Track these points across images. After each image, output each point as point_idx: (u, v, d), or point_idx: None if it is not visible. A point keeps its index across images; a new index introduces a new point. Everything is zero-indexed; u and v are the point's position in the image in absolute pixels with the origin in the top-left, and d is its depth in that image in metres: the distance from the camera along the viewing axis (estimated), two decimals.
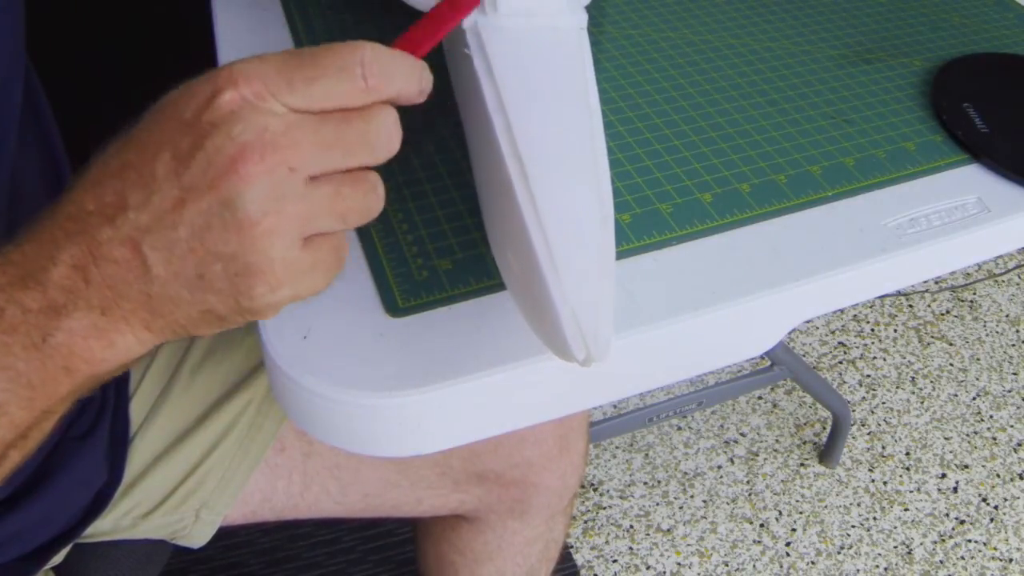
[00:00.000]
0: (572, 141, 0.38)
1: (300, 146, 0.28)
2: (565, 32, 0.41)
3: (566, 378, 0.41)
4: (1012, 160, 0.51)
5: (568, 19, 0.42)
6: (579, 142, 0.38)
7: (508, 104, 0.38)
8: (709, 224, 0.46)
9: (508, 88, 0.39)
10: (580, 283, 0.34)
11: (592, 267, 0.35)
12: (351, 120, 0.30)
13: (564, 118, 0.38)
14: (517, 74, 0.39)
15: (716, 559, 1.14)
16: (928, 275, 0.49)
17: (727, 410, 1.31)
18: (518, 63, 0.40)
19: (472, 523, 0.70)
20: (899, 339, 1.43)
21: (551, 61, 0.40)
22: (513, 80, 0.39)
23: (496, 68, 0.39)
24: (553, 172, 0.36)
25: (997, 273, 1.55)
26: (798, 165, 0.51)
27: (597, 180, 0.37)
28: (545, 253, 0.34)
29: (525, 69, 0.40)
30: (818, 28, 0.63)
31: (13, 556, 0.50)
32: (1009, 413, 1.32)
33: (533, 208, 0.35)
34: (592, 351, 0.34)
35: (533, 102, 0.38)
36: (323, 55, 0.29)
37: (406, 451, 0.42)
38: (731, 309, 0.42)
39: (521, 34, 0.41)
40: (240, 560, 1.09)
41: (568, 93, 0.39)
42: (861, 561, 1.14)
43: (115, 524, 0.57)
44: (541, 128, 0.38)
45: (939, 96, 0.56)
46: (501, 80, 0.39)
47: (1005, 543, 1.17)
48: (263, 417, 0.59)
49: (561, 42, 0.41)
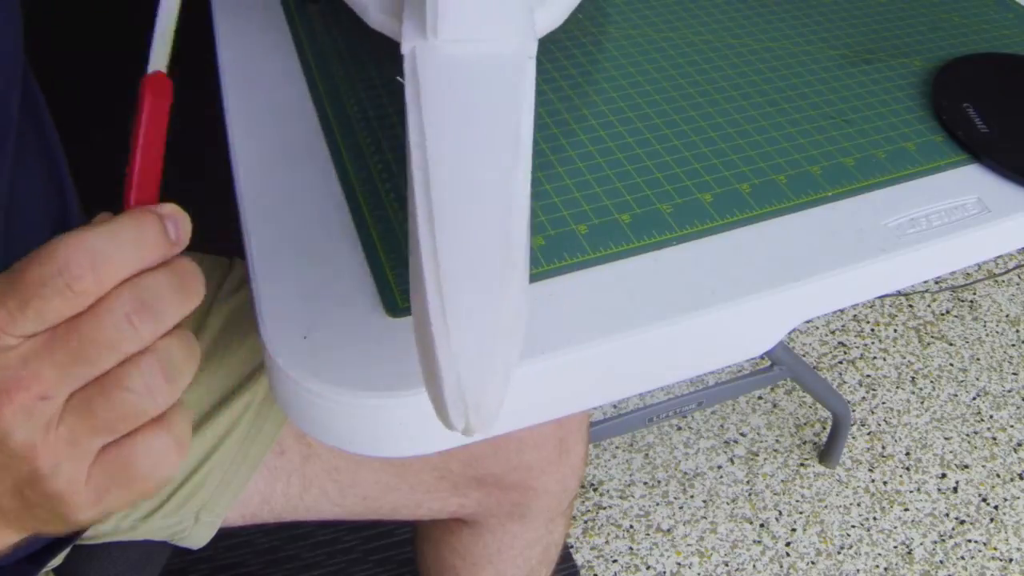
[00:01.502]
0: (489, 186, 0.35)
1: (41, 374, 0.27)
2: (507, 61, 0.39)
3: (566, 378, 0.41)
4: (1012, 160, 0.51)
5: (513, 46, 0.39)
6: (497, 187, 0.35)
7: (429, 140, 0.36)
8: (709, 224, 0.46)
9: (432, 122, 0.36)
10: (471, 344, 0.31)
11: (488, 328, 0.32)
12: (79, 328, 0.27)
13: (486, 160, 0.36)
14: (446, 108, 0.37)
15: (716, 559, 1.14)
16: (928, 275, 0.49)
17: (727, 410, 1.31)
18: (449, 95, 0.37)
19: (471, 526, 0.70)
20: (899, 339, 1.43)
21: (486, 94, 0.38)
22: (440, 114, 0.37)
23: (425, 100, 0.37)
24: (462, 219, 0.34)
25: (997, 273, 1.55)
26: (798, 165, 0.51)
27: (508, 231, 0.34)
28: (438, 306, 0.32)
29: (455, 102, 0.37)
30: (818, 28, 0.63)
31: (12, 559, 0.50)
32: (1009, 413, 1.32)
33: (434, 255, 0.33)
34: (472, 423, 0.31)
35: (456, 140, 0.36)
36: (25, 271, 0.27)
37: (406, 451, 0.42)
38: (731, 309, 0.42)
39: (459, 62, 0.38)
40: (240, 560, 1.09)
41: (497, 132, 0.37)
42: (861, 561, 1.14)
43: (115, 525, 0.57)
44: (458, 169, 0.35)
45: (939, 96, 0.56)
46: (427, 113, 0.36)
47: (1005, 543, 1.17)
48: (263, 420, 0.59)
49: (501, 72, 0.38)
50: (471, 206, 0.34)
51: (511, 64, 0.39)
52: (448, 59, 0.38)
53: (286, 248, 0.43)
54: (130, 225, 0.29)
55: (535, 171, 0.49)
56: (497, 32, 0.39)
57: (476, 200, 0.35)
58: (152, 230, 0.29)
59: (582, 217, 0.46)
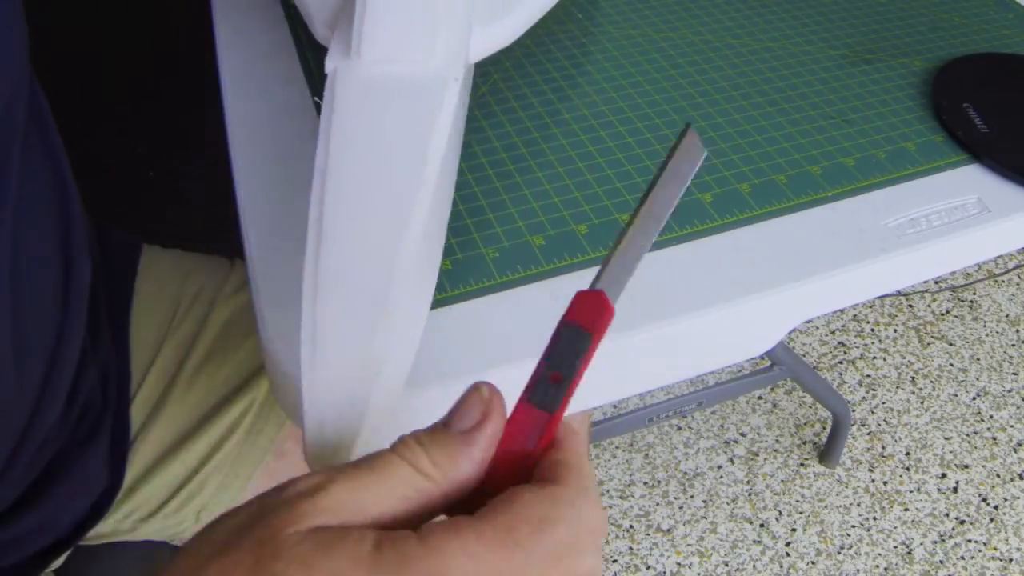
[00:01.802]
0: (379, 228, 0.34)
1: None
2: (428, 84, 0.37)
3: None
4: (1012, 160, 0.51)
5: (436, 69, 0.38)
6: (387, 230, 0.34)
7: (330, 168, 0.35)
8: (709, 224, 0.46)
9: (337, 149, 0.35)
10: (337, 390, 0.31)
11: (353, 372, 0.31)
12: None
13: (381, 198, 0.34)
14: (353, 133, 0.36)
15: (716, 559, 1.14)
16: (928, 275, 0.49)
17: (727, 410, 1.31)
18: (360, 119, 0.36)
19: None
20: (899, 339, 1.43)
21: (396, 120, 0.36)
22: (346, 140, 0.35)
23: (335, 123, 0.36)
24: (345, 260, 0.33)
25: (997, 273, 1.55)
26: (798, 165, 0.51)
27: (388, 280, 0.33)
28: (309, 345, 0.31)
29: (364, 128, 0.36)
30: (818, 28, 0.63)
31: (13, 561, 0.50)
32: (1009, 413, 1.32)
33: (315, 289, 0.32)
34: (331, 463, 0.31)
35: (357, 172, 0.35)
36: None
37: None
38: (731, 309, 0.42)
39: (377, 84, 0.37)
40: None
41: (399, 165, 0.35)
42: (861, 561, 1.14)
43: (115, 527, 0.57)
44: (352, 204, 0.34)
45: (939, 96, 0.56)
46: (335, 138, 0.35)
47: (1005, 543, 1.17)
48: (263, 421, 0.59)
49: (418, 96, 0.37)
50: (357, 247, 0.33)
51: (431, 88, 0.37)
52: (366, 81, 0.37)
53: (286, 249, 0.43)
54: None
55: (536, 171, 0.49)
56: (422, 54, 0.38)
57: (363, 241, 0.33)
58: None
59: (582, 217, 0.46)
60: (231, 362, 0.60)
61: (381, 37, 0.37)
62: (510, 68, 0.57)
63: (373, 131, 0.36)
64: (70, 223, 0.50)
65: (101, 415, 0.54)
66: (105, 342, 0.56)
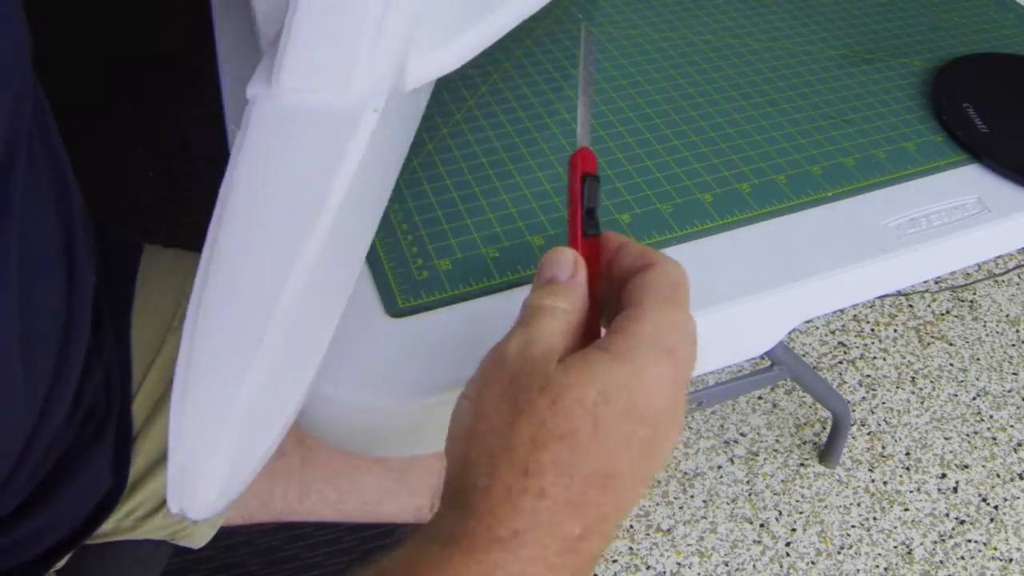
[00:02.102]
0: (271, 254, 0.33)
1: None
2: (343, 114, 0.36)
3: None
4: (1012, 160, 0.51)
5: (354, 99, 0.37)
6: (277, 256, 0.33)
7: (231, 196, 0.34)
8: (709, 224, 0.46)
9: (241, 178, 0.34)
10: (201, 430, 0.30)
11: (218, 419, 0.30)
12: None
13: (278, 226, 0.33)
14: (260, 162, 0.35)
15: (716, 559, 1.14)
16: (928, 275, 0.49)
17: (727, 410, 1.31)
18: (269, 148, 0.35)
19: None
20: (899, 339, 1.43)
21: (305, 151, 0.35)
22: (252, 169, 0.34)
23: (244, 150, 0.35)
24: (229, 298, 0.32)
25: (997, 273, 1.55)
26: (798, 165, 0.51)
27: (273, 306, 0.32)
28: (181, 386, 0.31)
29: (271, 157, 0.35)
30: (818, 28, 0.63)
31: (19, 562, 0.50)
32: (1009, 413, 1.32)
33: (193, 329, 0.32)
34: (186, 509, 0.30)
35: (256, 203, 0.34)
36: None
37: (405, 452, 0.42)
38: (731, 309, 0.42)
39: (291, 112, 0.36)
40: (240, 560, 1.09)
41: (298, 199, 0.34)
42: (861, 561, 1.14)
43: (116, 525, 0.57)
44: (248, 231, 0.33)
45: (939, 96, 0.56)
46: (241, 166, 0.35)
47: (1005, 543, 1.17)
48: None
49: (330, 127, 0.36)
50: (242, 285, 0.32)
51: (346, 118, 0.36)
52: (281, 109, 0.36)
53: None
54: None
55: (536, 171, 0.49)
56: (342, 82, 0.37)
57: (248, 280, 0.32)
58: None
59: None
60: None
61: (300, 66, 0.36)
62: (510, 68, 0.57)
63: (280, 161, 0.35)
64: (72, 225, 0.50)
65: (106, 416, 0.54)
66: (108, 343, 0.56)
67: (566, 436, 0.29)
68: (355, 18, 0.37)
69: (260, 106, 0.37)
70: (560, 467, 0.28)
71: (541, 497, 0.28)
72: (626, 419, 0.29)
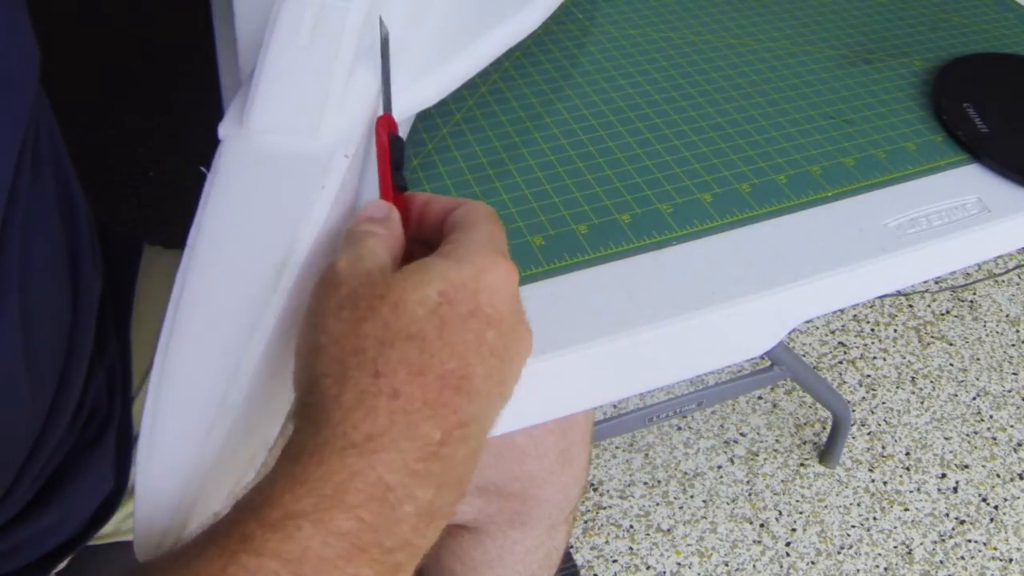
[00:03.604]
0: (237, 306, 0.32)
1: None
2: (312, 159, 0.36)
3: (566, 378, 0.41)
4: (1012, 160, 0.51)
5: (326, 143, 0.36)
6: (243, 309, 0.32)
7: (199, 243, 0.33)
8: (709, 224, 0.46)
9: (209, 225, 0.34)
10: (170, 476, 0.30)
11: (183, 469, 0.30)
12: None
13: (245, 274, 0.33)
14: (228, 208, 0.34)
15: (716, 559, 1.14)
16: (928, 275, 0.49)
17: (727, 410, 1.31)
18: (237, 193, 0.34)
19: (472, 532, 0.70)
20: (899, 339, 1.43)
21: (274, 195, 0.35)
22: (221, 215, 0.34)
23: (213, 194, 0.34)
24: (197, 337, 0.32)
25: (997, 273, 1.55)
26: (798, 165, 0.51)
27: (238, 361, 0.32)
28: (149, 427, 0.31)
29: (239, 203, 0.34)
30: (818, 28, 0.63)
31: (21, 564, 0.50)
32: (1009, 413, 1.32)
33: (160, 376, 0.31)
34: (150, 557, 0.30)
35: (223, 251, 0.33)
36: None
37: None
38: (731, 309, 0.42)
39: (260, 156, 0.35)
40: None
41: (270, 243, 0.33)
42: (861, 561, 1.14)
43: (117, 527, 0.57)
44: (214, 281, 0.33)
45: (939, 96, 0.56)
46: (209, 211, 0.34)
47: (1005, 543, 1.17)
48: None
49: (298, 171, 0.35)
50: (210, 329, 0.32)
51: (312, 163, 0.36)
52: (251, 152, 0.36)
53: None
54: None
55: (536, 171, 0.49)
56: (308, 126, 0.36)
57: (217, 323, 0.32)
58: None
59: (582, 217, 0.46)
60: None
61: (270, 108, 0.36)
62: (510, 68, 0.57)
63: (247, 208, 0.34)
64: (78, 234, 0.50)
65: (108, 418, 0.54)
66: (111, 345, 0.56)
67: (414, 336, 0.28)
68: (326, 62, 0.36)
69: (229, 147, 0.36)
70: (411, 366, 0.28)
71: (395, 397, 0.28)
72: (472, 319, 0.29)
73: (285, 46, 0.36)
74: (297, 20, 0.36)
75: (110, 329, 0.57)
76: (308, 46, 0.36)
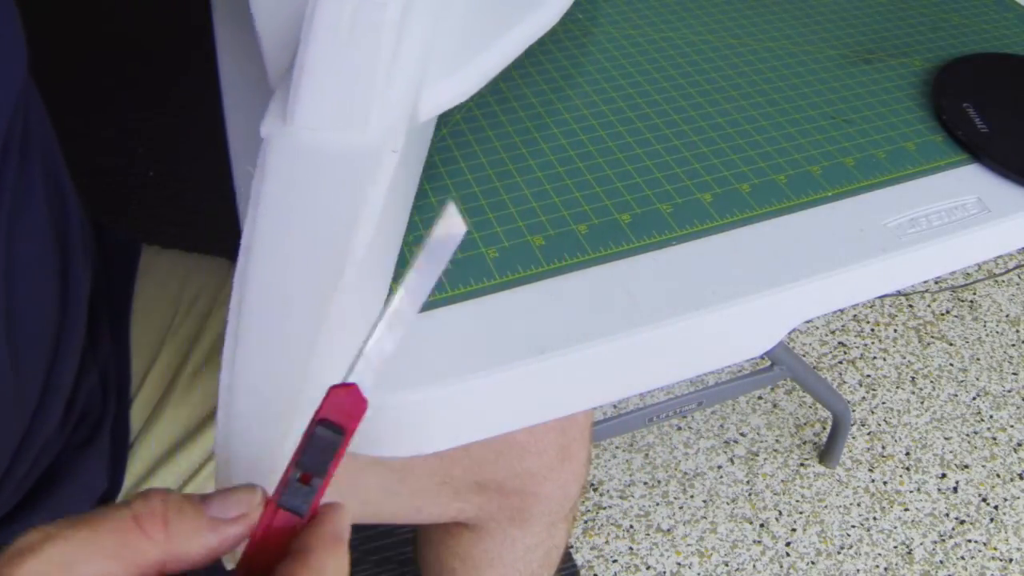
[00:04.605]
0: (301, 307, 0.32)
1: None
2: (362, 154, 0.36)
3: (566, 378, 0.41)
4: (1012, 160, 0.51)
5: (374, 138, 0.36)
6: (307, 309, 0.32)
7: (255, 246, 0.33)
8: (709, 224, 0.46)
9: (264, 227, 0.33)
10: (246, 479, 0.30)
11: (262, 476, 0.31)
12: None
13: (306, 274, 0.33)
14: (282, 208, 0.34)
15: (716, 559, 1.14)
16: (928, 275, 0.49)
17: (727, 410, 1.31)
18: (290, 192, 0.34)
19: (472, 530, 0.70)
20: (899, 339, 1.43)
21: (327, 192, 0.35)
22: (274, 215, 0.34)
23: (264, 195, 0.34)
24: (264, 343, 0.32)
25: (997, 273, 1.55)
26: (798, 165, 0.51)
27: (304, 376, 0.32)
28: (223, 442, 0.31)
29: (293, 202, 0.34)
30: (818, 28, 0.63)
31: None
32: (1009, 413, 1.32)
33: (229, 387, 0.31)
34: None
35: (281, 253, 0.33)
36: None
37: (405, 451, 0.42)
38: (731, 309, 0.42)
39: (310, 154, 0.35)
40: None
41: (328, 240, 0.33)
42: (861, 561, 1.14)
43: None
44: (275, 282, 0.33)
45: (939, 96, 0.56)
46: (263, 213, 0.34)
47: (1005, 543, 1.16)
48: None
49: (349, 167, 0.35)
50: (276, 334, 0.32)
51: (364, 161, 0.36)
52: (298, 150, 0.36)
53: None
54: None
55: (535, 171, 0.49)
56: (355, 121, 0.36)
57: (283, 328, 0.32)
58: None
59: (582, 217, 0.46)
60: None
61: (316, 104, 0.36)
62: (510, 68, 0.57)
63: (301, 208, 0.34)
64: (67, 228, 0.50)
65: (101, 418, 0.54)
66: (104, 344, 0.56)
67: None
68: (369, 54, 0.36)
69: (276, 146, 0.36)
70: None
71: None
72: None
73: (326, 42, 0.35)
74: (336, 16, 0.35)
75: (104, 327, 0.57)
76: (349, 41, 0.35)
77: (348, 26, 0.35)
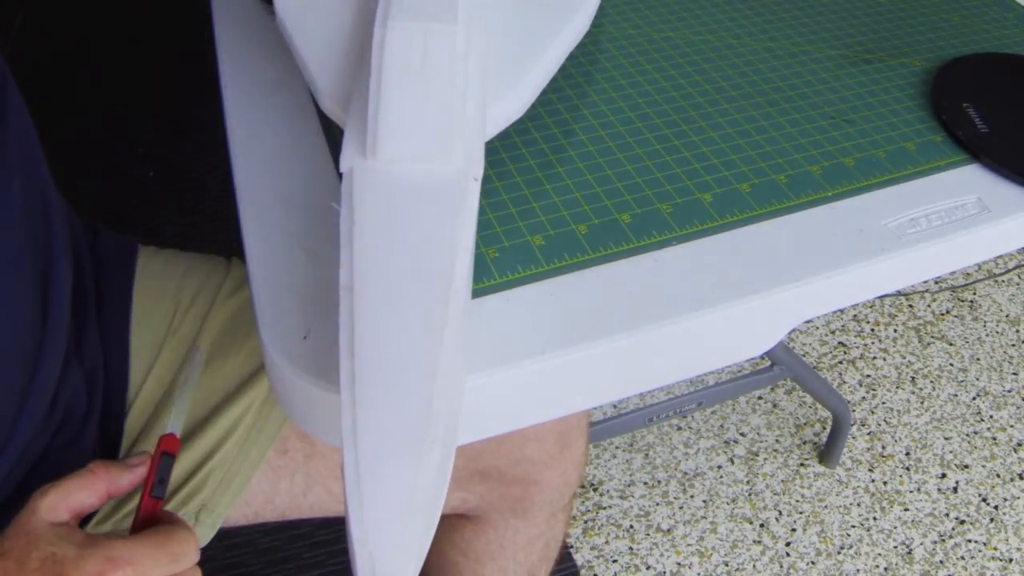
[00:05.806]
0: (415, 349, 0.33)
1: None
2: (448, 184, 0.36)
3: (567, 378, 0.41)
4: (1012, 160, 0.51)
5: (456, 167, 0.36)
6: (422, 350, 0.33)
7: (358, 285, 0.33)
8: (709, 224, 0.46)
9: (363, 266, 0.33)
10: (384, 524, 0.30)
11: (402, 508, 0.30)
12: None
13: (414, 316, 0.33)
14: (378, 243, 0.34)
15: (716, 559, 1.14)
16: (928, 275, 0.49)
17: (727, 410, 1.31)
18: (383, 227, 0.34)
19: (474, 522, 0.70)
20: (899, 339, 1.43)
21: (421, 227, 0.35)
22: (372, 253, 0.34)
23: (357, 233, 0.34)
24: (383, 387, 0.32)
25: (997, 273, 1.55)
26: (798, 165, 0.51)
27: (429, 402, 0.32)
28: (354, 480, 0.31)
29: (389, 238, 0.34)
30: (818, 28, 0.63)
31: None
32: (1009, 413, 1.32)
33: (353, 428, 0.31)
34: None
35: (386, 289, 0.33)
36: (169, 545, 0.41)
37: None
38: (731, 309, 0.42)
39: (396, 186, 0.35)
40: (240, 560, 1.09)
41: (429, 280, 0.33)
42: (861, 561, 1.14)
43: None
44: (384, 326, 0.33)
45: (939, 96, 0.56)
46: (359, 252, 0.34)
47: (1005, 543, 1.17)
48: (264, 420, 0.59)
49: (439, 199, 0.35)
50: (393, 372, 0.32)
51: (451, 188, 0.36)
52: (385, 183, 0.36)
53: (285, 248, 0.44)
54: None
55: (535, 171, 0.49)
56: (439, 152, 0.36)
57: (399, 365, 0.32)
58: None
59: (582, 217, 0.46)
60: (232, 362, 0.60)
61: (396, 135, 0.36)
62: None
63: (398, 242, 0.34)
64: (49, 228, 0.49)
65: (85, 419, 0.54)
66: (92, 344, 0.56)
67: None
68: (445, 83, 0.36)
69: (360, 180, 0.36)
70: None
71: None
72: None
73: (399, 75, 0.36)
74: (406, 48, 0.35)
75: (92, 327, 0.57)
76: (421, 72, 0.36)
77: (420, 56, 0.35)
